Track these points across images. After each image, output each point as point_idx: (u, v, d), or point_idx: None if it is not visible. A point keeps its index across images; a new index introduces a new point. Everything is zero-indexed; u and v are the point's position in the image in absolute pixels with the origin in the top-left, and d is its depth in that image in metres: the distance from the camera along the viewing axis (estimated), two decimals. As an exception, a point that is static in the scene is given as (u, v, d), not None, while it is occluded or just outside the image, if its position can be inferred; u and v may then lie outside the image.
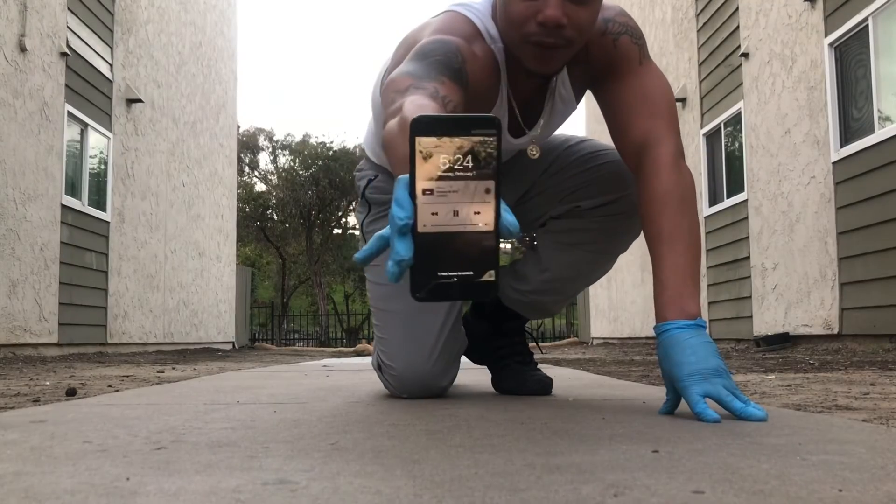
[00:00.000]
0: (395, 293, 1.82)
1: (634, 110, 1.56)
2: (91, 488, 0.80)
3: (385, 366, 1.90)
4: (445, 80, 1.33)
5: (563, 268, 1.88)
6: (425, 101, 1.17)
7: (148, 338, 9.87)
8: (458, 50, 1.42)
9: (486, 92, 1.53)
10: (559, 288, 1.93)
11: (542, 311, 2.03)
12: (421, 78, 1.29)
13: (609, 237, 1.84)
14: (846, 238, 6.24)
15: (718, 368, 1.29)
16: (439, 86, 1.29)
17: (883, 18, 5.85)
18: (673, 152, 1.51)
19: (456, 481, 0.82)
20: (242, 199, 25.74)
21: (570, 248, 1.86)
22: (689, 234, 1.44)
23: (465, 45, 1.45)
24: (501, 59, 1.54)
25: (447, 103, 1.26)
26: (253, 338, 18.85)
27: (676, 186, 1.47)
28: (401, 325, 1.85)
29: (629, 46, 1.58)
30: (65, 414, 1.58)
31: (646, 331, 11.29)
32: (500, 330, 2.06)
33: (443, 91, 1.28)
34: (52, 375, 3.82)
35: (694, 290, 1.38)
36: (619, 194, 1.76)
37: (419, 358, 1.82)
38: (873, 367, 3.62)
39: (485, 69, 1.50)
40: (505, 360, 2.05)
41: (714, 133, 9.10)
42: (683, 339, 1.32)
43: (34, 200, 7.16)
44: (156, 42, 10.43)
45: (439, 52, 1.39)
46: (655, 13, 11.18)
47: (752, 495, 0.74)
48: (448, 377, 1.90)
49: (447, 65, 1.37)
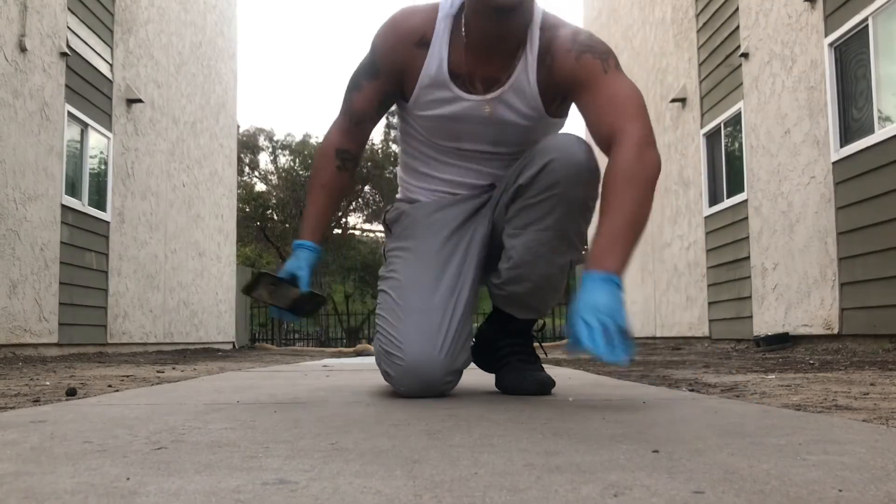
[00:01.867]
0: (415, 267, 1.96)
1: (602, 110, 1.77)
2: (91, 488, 0.80)
3: (387, 354, 1.87)
4: (363, 83, 1.96)
5: (521, 252, 1.87)
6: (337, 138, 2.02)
7: (148, 338, 9.87)
8: (375, 45, 1.94)
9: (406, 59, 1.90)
10: (525, 275, 1.90)
11: (526, 306, 2.00)
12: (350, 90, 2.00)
13: (552, 211, 1.82)
14: (846, 238, 6.24)
15: (610, 310, 1.48)
16: (358, 97, 1.97)
17: (883, 18, 5.85)
18: (636, 141, 1.69)
19: (456, 481, 0.82)
20: (242, 199, 25.73)
21: (523, 231, 1.86)
22: (630, 205, 1.64)
23: (382, 34, 1.93)
24: (445, 25, 1.88)
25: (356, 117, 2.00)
26: (253, 338, 18.85)
27: (630, 165, 1.66)
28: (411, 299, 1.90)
29: (591, 62, 1.80)
30: (65, 414, 1.58)
31: (646, 331, 11.29)
32: (504, 332, 2.07)
33: (357, 104, 1.98)
34: (52, 375, 3.82)
35: (618, 252, 1.59)
36: (550, 157, 1.79)
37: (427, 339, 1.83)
38: (873, 367, 3.62)
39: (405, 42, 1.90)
40: (506, 359, 2.05)
41: (714, 133, 9.10)
42: (593, 284, 1.54)
43: (34, 200, 7.16)
44: (156, 42, 10.43)
45: (367, 55, 1.96)
46: (655, 13, 11.18)
47: (752, 495, 0.74)
48: (451, 371, 1.87)
49: (368, 64, 1.95)
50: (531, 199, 1.83)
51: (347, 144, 2.02)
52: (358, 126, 2.01)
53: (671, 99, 10.11)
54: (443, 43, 1.88)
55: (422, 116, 1.94)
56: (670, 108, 10.41)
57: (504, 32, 1.82)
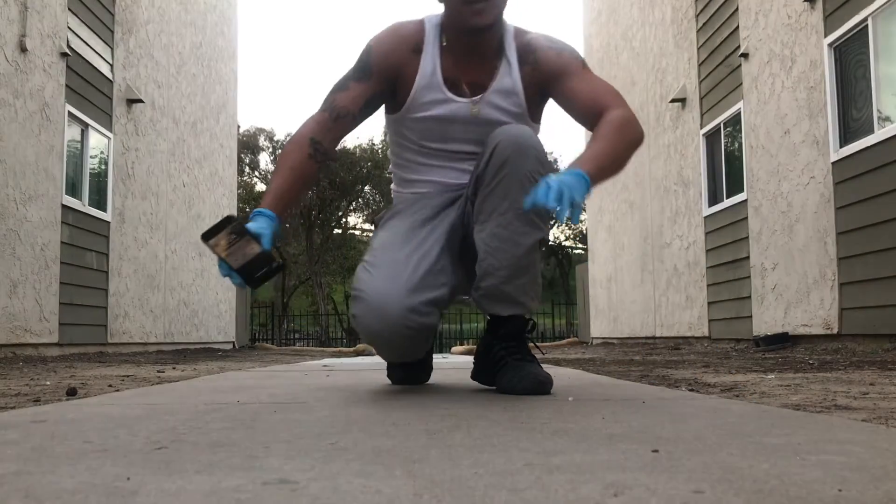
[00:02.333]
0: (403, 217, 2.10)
1: (589, 93, 2.01)
2: (91, 488, 0.81)
3: (354, 298, 1.93)
4: (351, 84, 2.06)
5: (488, 241, 1.94)
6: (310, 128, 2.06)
7: (148, 338, 9.87)
8: (369, 50, 2.07)
9: (402, 63, 2.05)
10: (495, 264, 1.94)
11: (507, 298, 2.00)
12: (335, 90, 2.08)
13: (508, 193, 1.90)
14: (846, 238, 6.24)
15: (572, 187, 1.68)
16: (343, 95, 2.05)
17: (882, 19, 5.85)
18: (626, 112, 1.95)
19: (456, 481, 0.82)
20: (243, 200, 25.72)
21: (486, 222, 1.95)
22: (615, 142, 1.89)
23: (377, 42, 2.07)
24: (433, 35, 2.05)
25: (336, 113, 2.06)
26: (253, 338, 18.86)
27: (620, 122, 1.92)
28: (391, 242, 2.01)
29: (570, 58, 2.07)
30: (65, 414, 1.58)
31: (646, 331, 11.29)
32: (497, 338, 2.07)
33: (341, 101, 2.05)
34: (52, 375, 3.83)
35: (593, 162, 1.80)
36: (496, 141, 1.93)
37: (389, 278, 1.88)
38: (873, 367, 3.62)
39: (400, 48, 2.05)
40: (503, 360, 2.05)
41: (714, 133, 9.10)
42: (567, 173, 1.74)
43: (35, 200, 7.16)
44: (156, 42, 10.43)
45: (358, 60, 2.08)
46: (655, 13, 11.18)
47: (752, 495, 0.74)
48: (411, 308, 1.87)
49: (359, 67, 2.06)
50: (488, 188, 1.94)
51: (322, 136, 2.05)
52: (336, 122, 2.06)
53: (671, 99, 10.11)
54: (434, 50, 2.06)
55: (416, 119, 2.07)
56: (670, 108, 10.41)
57: (481, 47, 2.04)
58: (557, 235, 32.78)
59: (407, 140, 2.14)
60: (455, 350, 14.05)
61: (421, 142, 2.12)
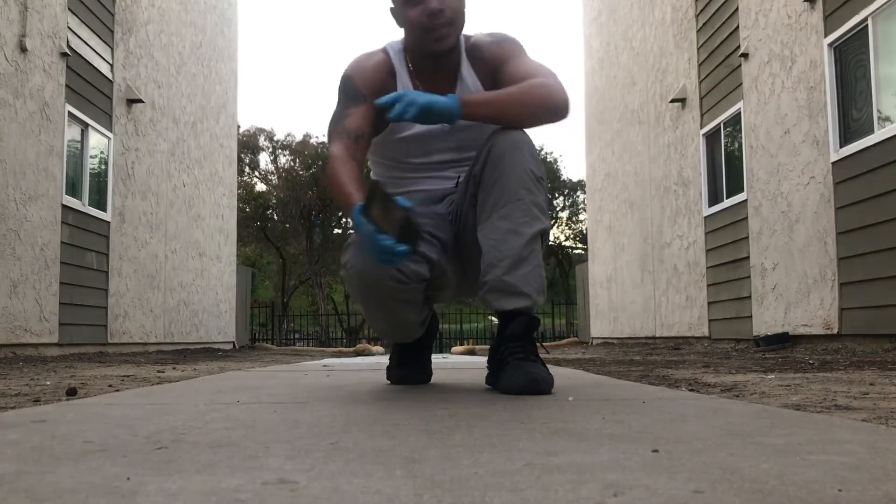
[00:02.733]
0: None
1: (519, 74, 2.12)
2: (91, 488, 0.81)
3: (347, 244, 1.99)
4: (350, 110, 2.12)
5: (491, 234, 2.00)
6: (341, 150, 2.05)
7: (148, 338, 9.87)
8: (350, 78, 2.18)
9: (383, 85, 2.17)
10: (498, 255, 1.97)
11: (511, 290, 2.00)
12: (337, 122, 2.13)
13: (506, 188, 1.99)
14: (846, 238, 6.24)
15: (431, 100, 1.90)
16: (350, 120, 2.11)
17: (882, 19, 5.85)
18: (541, 80, 2.06)
19: (456, 481, 0.82)
20: (243, 200, 25.73)
21: (489, 218, 2.01)
22: (513, 92, 2.03)
23: (354, 70, 2.19)
24: (399, 60, 2.21)
25: (353, 135, 2.09)
26: (253, 338, 18.85)
27: (532, 82, 2.05)
28: None
29: (509, 45, 2.22)
30: (65, 414, 1.58)
31: (646, 331, 11.29)
32: (503, 339, 2.07)
33: (350, 124, 2.10)
34: (52, 375, 3.83)
35: (477, 97, 2.06)
36: (492, 141, 2.04)
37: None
38: (873, 367, 3.62)
39: (378, 73, 2.19)
40: (505, 360, 2.05)
41: (714, 133, 9.10)
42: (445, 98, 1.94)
43: (35, 200, 7.16)
44: (156, 42, 10.43)
45: (342, 91, 2.19)
46: (655, 13, 11.18)
47: (752, 495, 0.74)
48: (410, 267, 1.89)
49: (348, 95, 2.16)
50: (487, 185, 2.02)
51: (353, 153, 2.08)
52: (357, 142, 2.10)
53: (671, 99, 10.11)
54: (404, 73, 2.22)
55: (400, 139, 2.20)
56: (670, 108, 10.41)
57: (441, 67, 2.19)
58: (557, 236, 32.78)
59: (392, 160, 2.27)
60: (455, 350, 14.06)
61: (406, 159, 2.24)
